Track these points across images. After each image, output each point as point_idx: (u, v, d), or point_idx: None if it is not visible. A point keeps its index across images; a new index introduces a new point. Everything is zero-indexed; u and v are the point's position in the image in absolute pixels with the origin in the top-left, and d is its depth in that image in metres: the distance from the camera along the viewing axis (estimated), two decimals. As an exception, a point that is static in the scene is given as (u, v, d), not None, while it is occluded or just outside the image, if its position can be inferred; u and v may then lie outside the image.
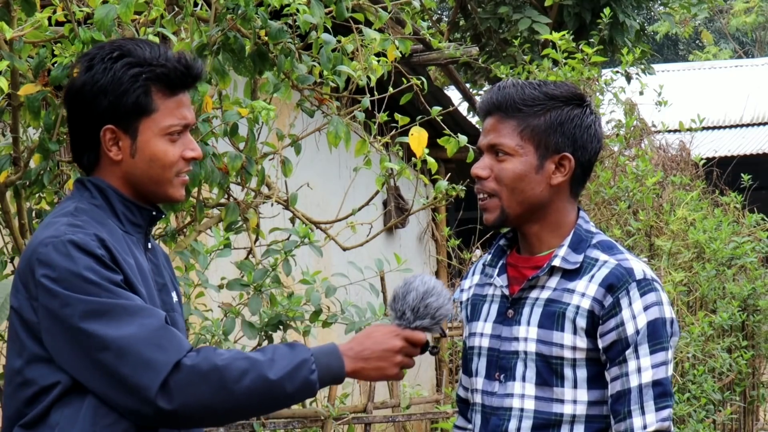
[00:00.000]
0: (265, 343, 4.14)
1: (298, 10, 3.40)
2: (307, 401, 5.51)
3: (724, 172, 10.72)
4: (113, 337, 2.13)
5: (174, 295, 2.45)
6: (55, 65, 3.01)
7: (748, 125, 19.87)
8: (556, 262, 2.49)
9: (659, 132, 9.88)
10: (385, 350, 2.32)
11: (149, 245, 2.42)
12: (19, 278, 2.24)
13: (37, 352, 2.20)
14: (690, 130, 8.95)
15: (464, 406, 2.73)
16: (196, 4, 3.48)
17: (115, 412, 2.18)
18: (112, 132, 2.30)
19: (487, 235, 8.60)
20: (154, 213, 2.39)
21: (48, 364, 2.19)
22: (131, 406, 2.16)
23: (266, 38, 3.40)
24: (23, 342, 2.22)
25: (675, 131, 9.76)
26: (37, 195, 3.33)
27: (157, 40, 3.18)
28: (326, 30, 3.58)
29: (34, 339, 2.20)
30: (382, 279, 6.28)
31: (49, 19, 3.08)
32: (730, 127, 19.89)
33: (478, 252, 9.50)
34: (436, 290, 2.38)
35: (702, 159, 9.39)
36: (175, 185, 2.36)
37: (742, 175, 9.67)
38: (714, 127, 19.41)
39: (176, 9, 3.49)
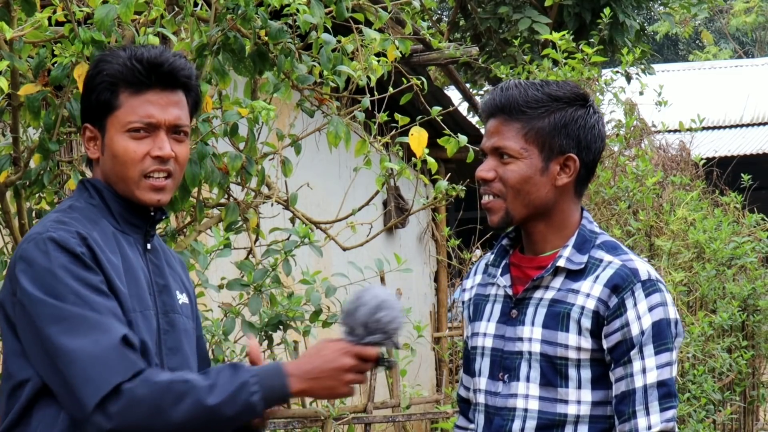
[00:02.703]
0: (265, 343, 4.14)
1: (298, 10, 3.40)
2: (307, 401, 5.52)
3: (724, 172, 10.72)
4: (67, 347, 2.14)
5: (183, 296, 2.43)
6: (55, 65, 3.01)
7: (748, 125, 19.87)
8: (561, 263, 2.49)
9: (659, 132, 9.89)
10: (335, 369, 2.26)
11: (149, 246, 2.41)
12: (7, 272, 2.27)
13: (14, 346, 2.22)
14: (690, 130, 8.95)
15: (465, 406, 2.73)
16: (196, 4, 3.48)
17: None
18: (90, 131, 2.35)
19: (487, 235, 8.59)
20: (152, 213, 2.38)
21: (23, 358, 2.21)
22: (75, 415, 2.17)
23: (266, 38, 3.39)
24: (5, 335, 2.24)
25: (675, 131, 9.76)
26: (37, 195, 3.32)
27: (157, 40, 3.18)
28: (326, 30, 3.58)
29: (13, 333, 2.22)
30: (382, 279, 6.28)
31: (49, 19, 3.08)
32: (730, 127, 19.89)
33: (478, 252, 9.50)
34: (387, 303, 2.28)
35: (702, 159, 9.39)
36: (141, 187, 2.32)
37: (742, 175, 9.67)
38: (714, 127, 19.42)
39: (176, 9, 3.48)
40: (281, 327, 4.08)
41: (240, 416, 2.20)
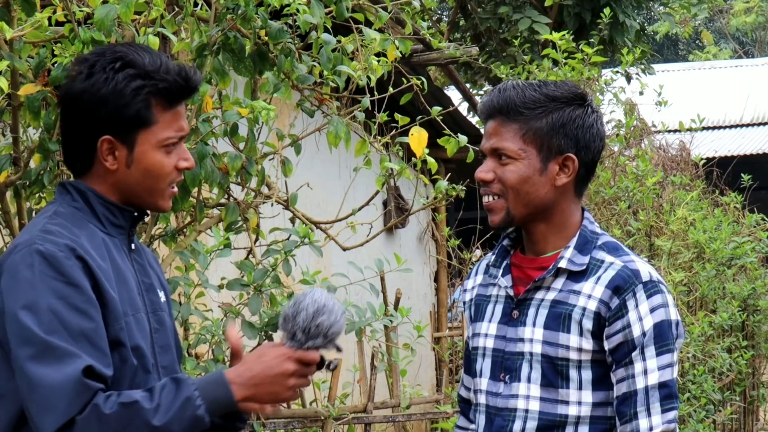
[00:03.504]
0: (265, 343, 4.14)
1: (298, 10, 3.40)
2: (307, 401, 5.52)
3: (724, 172, 10.73)
4: (31, 372, 2.14)
5: (162, 294, 2.44)
6: (55, 65, 3.01)
7: (748, 125, 19.88)
8: (563, 264, 2.49)
9: (659, 132, 9.89)
10: (277, 374, 2.25)
11: (133, 246, 2.41)
12: None
13: (2, 354, 2.21)
14: (690, 130, 8.96)
15: (466, 406, 2.73)
16: (196, 4, 3.48)
17: None
18: (109, 142, 2.29)
19: (487, 235, 8.59)
20: (135, 214, 2.38)
21: (9, 369, 2.20)
22: None
23: (266, 38, 3.40)
24: None
25: (675, 131, 9.77)
26: (37, 195, 3.32)
27: (157, 40, 3.18)
28: (326, 30, 3.58)
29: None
30: (382, 279, 6.28)
31: (49, 19, 3.08)
32: (730, 127, 19.90)
33: (478, 252, 9.50)
34: (327, 308, 2.27)
35: (702, 159, 9.40)
36: (165, 197, 2.35)
37: (742, 175, 9.67)
38: (714, 127, 19.43)
39: (176, 9, 3.49)
40: (281, 327, 4.07)
41: (189, 430, 2.20)
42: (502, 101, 2.49)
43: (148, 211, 2.43)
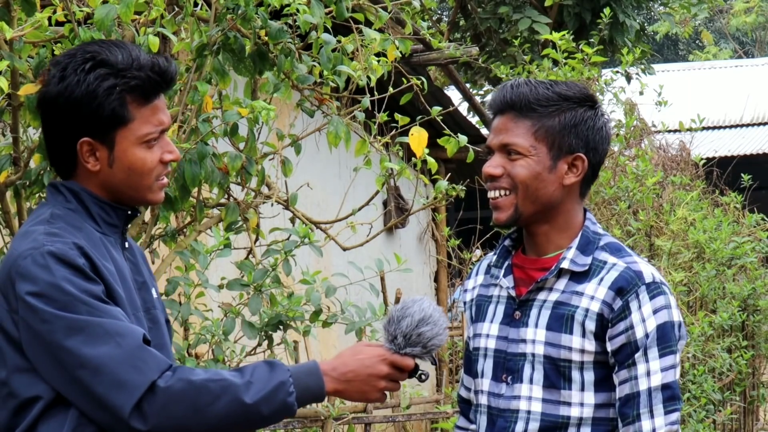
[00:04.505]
0: (265, 343, 4.14)
1: (298, 10, 3.40)
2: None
3: (724, 172, 10.72)
4: (90, 355, 2.12)
5: (153, 291, 2.43)
6: (55, 65, 3.00)
7: (748, 125, 19.88)
8: (565, 265, 2.48)
9: (659, 132, 9.89)
10: (371, 375, 2.28)
11: (126, 244, 2.40)
12: (0, 289, 2.21)
13: (19, 363, 2.18)
14: (690, 130, 8.96)
15: (466, 407, 2.73)
16: (196, 4, 3.48)
17: (94, 425, 2.17)
18: (88, 144, 2.28)
19: (487, 235, 8.59)
20: (129, 212, 2.37)
21: (30, 375, 2.17)
22: (106, 424, 2.15)
23: (266, 38, 3.40)
24: (5, 353, 2.20)
25: (675, 131, 9.77)
26: (37, 195, 3.32)
27: (157, 40, 3.18)
28: (326, 30, 3.58)
29: (16, 350, 2.18)
30: (382, 279, 6.28)
31: (49, 19, 3.08)
32: (730, 127, 19.90)
33: (478, 252, 9.49)
34: (432, 319, 2.31)
35: (702, 159, 9.40)
36: (154, 190, 2.34)
37: (742, 175, 9.67)
38: (714, 127, 19.42)
39: (176, 9, 3.49)
40: (281, 327, 4.08)
41: (276, 415, 2.20)
42: (515, 97, 2.48)
43: (144, 209, 2.42)
